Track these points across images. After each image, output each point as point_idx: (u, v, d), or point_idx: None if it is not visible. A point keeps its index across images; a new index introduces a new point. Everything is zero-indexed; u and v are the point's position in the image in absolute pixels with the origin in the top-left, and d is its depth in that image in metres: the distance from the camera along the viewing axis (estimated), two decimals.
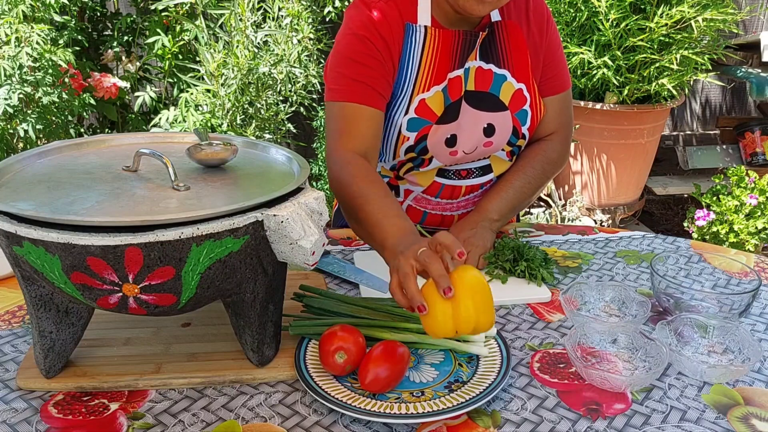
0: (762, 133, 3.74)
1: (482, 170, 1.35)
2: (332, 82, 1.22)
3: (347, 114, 1.20)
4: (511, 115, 1.28)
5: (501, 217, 1.32)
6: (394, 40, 1.21)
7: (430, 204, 1.39)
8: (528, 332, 1.07)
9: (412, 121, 1.23)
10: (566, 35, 3.19)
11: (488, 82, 1.27)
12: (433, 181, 1.35)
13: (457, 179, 1.35)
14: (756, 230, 2.89)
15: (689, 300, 1.09)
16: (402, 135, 1.24)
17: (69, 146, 1.05)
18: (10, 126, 2.50)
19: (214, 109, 2.60)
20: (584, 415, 0.88)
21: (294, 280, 1.18)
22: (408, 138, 1.24)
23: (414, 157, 1.28)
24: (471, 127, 1.26)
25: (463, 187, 1.37)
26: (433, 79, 1.23)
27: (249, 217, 0.83)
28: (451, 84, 1.24)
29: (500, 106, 1.27)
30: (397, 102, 1.24)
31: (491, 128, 1.27)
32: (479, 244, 1.26)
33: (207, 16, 2.79)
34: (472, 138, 1.27)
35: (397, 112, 1.24)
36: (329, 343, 0.91)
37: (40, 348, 0.91)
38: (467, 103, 1.26)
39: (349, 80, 1.19)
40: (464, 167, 1.34)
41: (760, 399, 0.92)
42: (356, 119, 1.19)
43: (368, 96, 1.19)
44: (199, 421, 0.86)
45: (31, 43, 2.43)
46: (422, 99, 1.23)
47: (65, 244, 0.77)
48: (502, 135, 1.29)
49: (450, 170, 1.33)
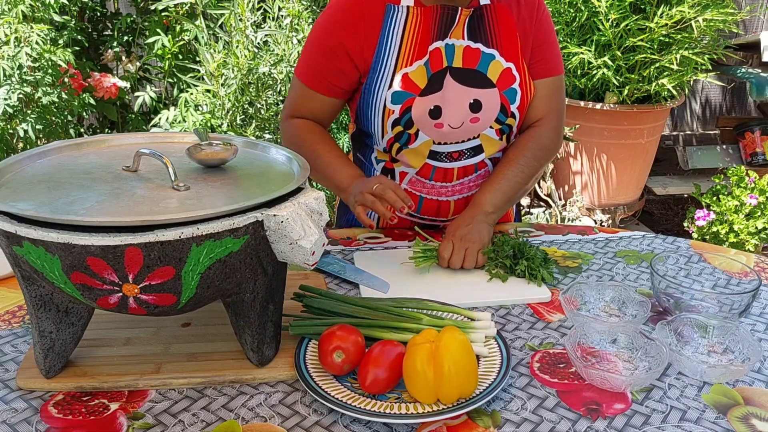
0: (762, 133, 3.74)
1: (473, 151, 1.36)
2: (301, 60, 1.36)
3: (304, 93, 1.36)
4: (498, 93, 1.30)
5: (496, 210, 1.33)
6: (370, 23, 1.28)
7: (425, 187, 1.40)
8: (528, 332, 1.07)
9: (396, 94, 1.28)
10: (566, 35, 3.19)
11: (476, 60, 1.29)
12: (425, 163, 1.36)
13: (448, 161, 1.36)
14: (756, 230, 2.89)
15: (689, 300, 1.09)
16: (387, 108, 1.29)
17: (69, 146, 1.05)
18: (9, 126, 2.50)
19: (214, 109, 2.60)
20: (584, 415, 0.88)
21: (294, 280, 1.18)
22: (393, 111, 1.29)
23: (401, 132, 1.31)
24: (457, 102, 1.29)
25: (455, 170, 1.37)
26: (416, 54, 1.28)
27: (249, 217, 0.83)
28: (432, 56, 1.28)
29: (488, 84, 1.30)
30: (379, 77, 1.29)
31: (478, 104, 1.29)
32: (476, 240, 1.27)
33: (207, 16, 2.79)
34: (457, 112, 1.29)
35: (381, 87, 1.29)
36: (328, 343, 0.91)
37: (40, 348, 0.91)
38: (454, 78, 1.28)
39: (310, 65, 1.33)
40: (455, 149, 1.34)
41: (760, 399, 0.92)
42: (309, 100, 1.37)
43: (322, 85, 1.33)
44: (199, 421, 0.86)
45: (30, 43, 2.43)
46: (405, 73, 1.28)
47: (65, 244, 0.77)
48: (489, 112, 1.31)
49: (441, 152, 1.34)
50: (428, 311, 1.06)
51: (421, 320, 1.01)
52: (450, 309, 1.07)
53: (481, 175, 1.41)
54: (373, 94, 1.30)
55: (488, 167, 1.41)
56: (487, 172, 1.41)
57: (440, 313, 1.06)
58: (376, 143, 1.39)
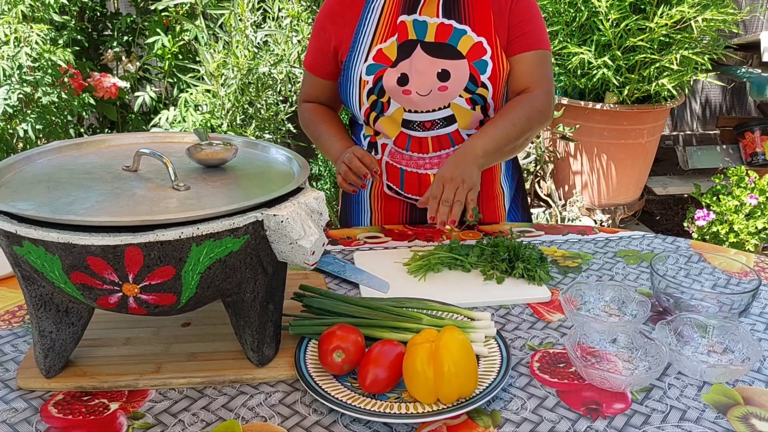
0: (762, 133, 3.74)
1: (446, 121, 1.40)
2: (306, 51, 1.52)
3: (310, 80, 1.53)
4: (468, 64, 1.36)
5: (485, 154, 1.33)
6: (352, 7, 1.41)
7: (404, 159, 1.45)
8: (528, 332, 1.07)
9: (370, 66, 1.38)
10: (566, 35, 3.19)
11: (447, 35, 1.37)
12: (400, 132, 1.42)
13: (421, 131, 1.41)
14: (756, 230, 2.89)
15: (689, 300, 1.09)
16: (363, 80, 1.39)
17: (69, 146, 1.05)
18: (9, 126, 2.50)
19: (213, 109, 2.60)
20: (584, 415, 0.88)
21: (294, 280, 1.18)
22: (367, 82, 1.39)
23: (375, 101, 1.40)
24: (425, 71, 1.36)
25: (429, 139, 1.41)
26: (389, 32, 1.39)
27: (249, 217, 0.83)
28: (399, 29, 1.37)
29: (457, 55, 1.37)
30: (357, 53, 1.41)
31: (446, 73, 1.36)
32: (466, 181, 1.27)
33: (207, 16, 2.79)
34: (425, 81, 1.36)
35: (358, 61, 1.40)
36: (328, 343, 0.91)
37: (40, 348, 0.91)
38: (424, 50, 1.36)
39: (310, 52, 1.50)
40: (427, 118, 1.39)
41: (759, 399, 0.92)
42: (314, 85, 1.53)
43: (319, 70, 1.49)
44: (199, 421, 0.86)
45: (30, 43, 2.43)
46: (380, 49, 1.38)
47: (65, 244, 0.77)
48: (457, 81, 1.36)
49: (414, 121, 1.40)
50: (428, 311, 1.06)
51: (421, 320, 1.01)
52: (450, 309, 1.07)
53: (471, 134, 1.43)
54: (351, 69, 1.41)
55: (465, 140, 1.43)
56: None
57: (440, 313, 1.06)
58: (358, 118, 1.48)
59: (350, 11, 1.41)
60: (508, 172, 1.57)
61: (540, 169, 3.52)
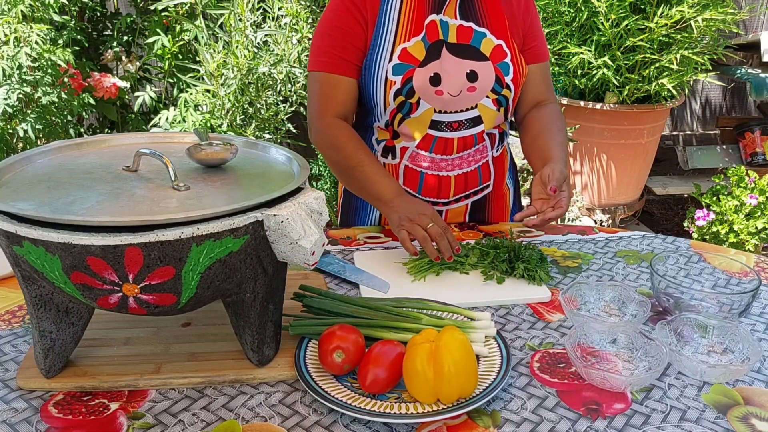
0: (762, 133, 3.74)
1: (473, 122, 1.40)
2: (314, 54, 1.39)
3: (328, 82, 1.38)
4: (492, 65, 1.38)
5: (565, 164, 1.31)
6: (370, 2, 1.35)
7: (426, 161, 1.43)
8: (528, 332, 1.07)
9: (396, 66, 1.35)
10: (566, 35, 3.19)
11: (469, 36, 1.38)
12: (426, 133, 1.40)
13: (449, 131, 1.40)
14: (756, 230, 2.89)
15: (689, 300, 1.09)
16: (389, 80, 1.35)
17: (69, 146, 1.05)
18: (9, 126, 2.50)
19: (213, 109, 2.60)
20: (584, 415, 0.88)
21: (294, 280, 1.18)
22: (395, 82, 1.35)
23: (402, 102, 1.36)
24: (454, 72, 1.36)
25: (455, 140, 1.41)
26: (413, 31, 1.36)
27: (249, 217, 0.83)
28: (428, 29, 1.36)
29: (482, 57, 1.37)
30: (379, 53, 1.36)
31: (474, 74, 1.36)
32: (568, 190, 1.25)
33: (207, 16, 2.79)
34: (456, 81, 1.36)
35: (381, 61, 1.36)
36: (328, 343, 0.91)
37: (40, 348, 0.91)
38: (449, 52, 1.36)
39: (327, 52, 1.37)
40: (455, 118, 1.39)
41: (759, 399, 0.92)
42: (335, 87, 1.38)
43: (344, 67, 1.37)
44: (199, 421, 0.86)
45: (30, 43, 2.43)
46: (404, 48, 1.35)
47: (65, 244, 0.77)
48: (485, 81, 1.37)
49: (442, 122, 1.39)
50: (428, 311, 1.06)
51: (421, 320, 1.01)
52: (450, 309, 1.07)
53: (479, 149, 1.45)
54: (374, 69, 1.36)
55: (485, 142, 1.45)
56: (485, 148, 1.45)
57: (440, 313, 1.06)
58: (377, 119, 1.42)
59: (370, 5, 1.36)
60: (511, 172, 1.59)
61: None
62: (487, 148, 1.46)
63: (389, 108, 1.38)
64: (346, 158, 1.35)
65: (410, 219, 1.25)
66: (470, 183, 1.47)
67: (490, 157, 1.48)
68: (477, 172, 1.47)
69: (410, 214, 1.25)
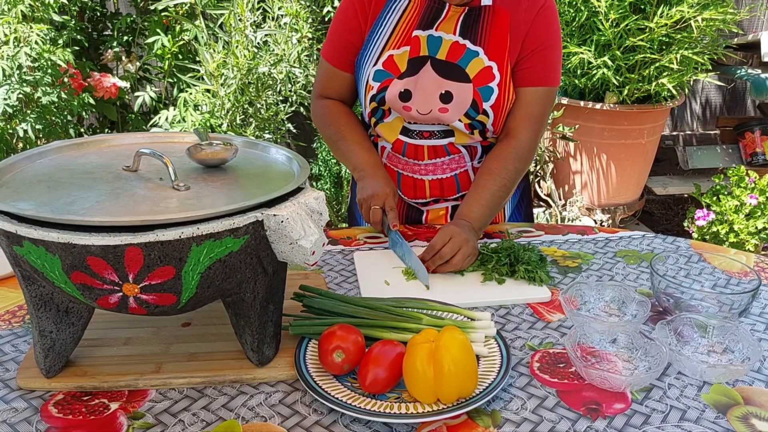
0: (762, 133, 3.74)
1: (444, 133, 1.41)
2: (326, 40, 1.46)
3: (329, 71, 1.46)
4: (473, 89, 1.34)
5: (482, 226, 1.34)
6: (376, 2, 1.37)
7: (401, 163, 1.47)
8: (528, 332, 1.07)
9: (378, 72, 1.37)
10: (566, 35, 3.19)
11: (459, 55, 1.35)
12: (397, 138, 1.43)
13: (419, 139, 1.41)
14: (756, 230, 2.89)
15: (689, 300, 1.09)
16: (369, 84, 1.38)
17: (69, 146, 1.05)
18: (9, 126, 2.50)
19: (213, 109, 2.60)
20: (584, 415, 0.88)
21: (294, 280, 1.18)
22: (373, 87, 1.38)
23: (376, 107, 1.40)
24: (428, 90, 1.34)
25: (425, 147, 1.42)
26: (404, 40, 1.36)
27: (249, 217, 0.83)
28: (412, 43, 1.35)
29: (463, 78, 1.34)
30: (368, 54, 1.39)
31: (449, 95, 1.34)
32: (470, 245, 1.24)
33: (206, 16, 2.79)
34: (427, 101, 1.35)
35: (368, 63, 1.38)
36: (328, 343, 0.91)
37: (41, 348, 0.91)
38: (433, 68, 1.35)
39: (334, 43, 1.44)
40: (426, 129, 1.40)
41: (759, 399, 0.92)
42: (332, 77, 1.47)
43: (341, 61, 1.43)
44: (199, 421, 0.86)
45: (30, 43, 2.43)
46: (391, 54, 1.36)
47: (65, 244, 0.77)
48: (459, 105, 1.35)
49: (413, 130, 1.41)
50: (428, 311, 1.06)
51: (421, 320, 1.01)
52: (450, 309, 1.07)
53: (454, 159, 1.44)
54: (361, 69, 1.40)
55: (462, 153, 1.43)
56: (462, 158, 1.44)
57: (440, 313, 1.06)
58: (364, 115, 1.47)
59: (375, 4, 1.37)
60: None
61: (540, 169, 3.52)
62: (464, 159, 1.44)
63: (367, 109, 1.42)
64: (335, 132, 1.45)
65: (365, 198, 1.35)
66: (447, 190, 1.48)
67: (470, 167, 1.46)
68: (454, 179, 1.46)
69: (365, 193, 1.35)
